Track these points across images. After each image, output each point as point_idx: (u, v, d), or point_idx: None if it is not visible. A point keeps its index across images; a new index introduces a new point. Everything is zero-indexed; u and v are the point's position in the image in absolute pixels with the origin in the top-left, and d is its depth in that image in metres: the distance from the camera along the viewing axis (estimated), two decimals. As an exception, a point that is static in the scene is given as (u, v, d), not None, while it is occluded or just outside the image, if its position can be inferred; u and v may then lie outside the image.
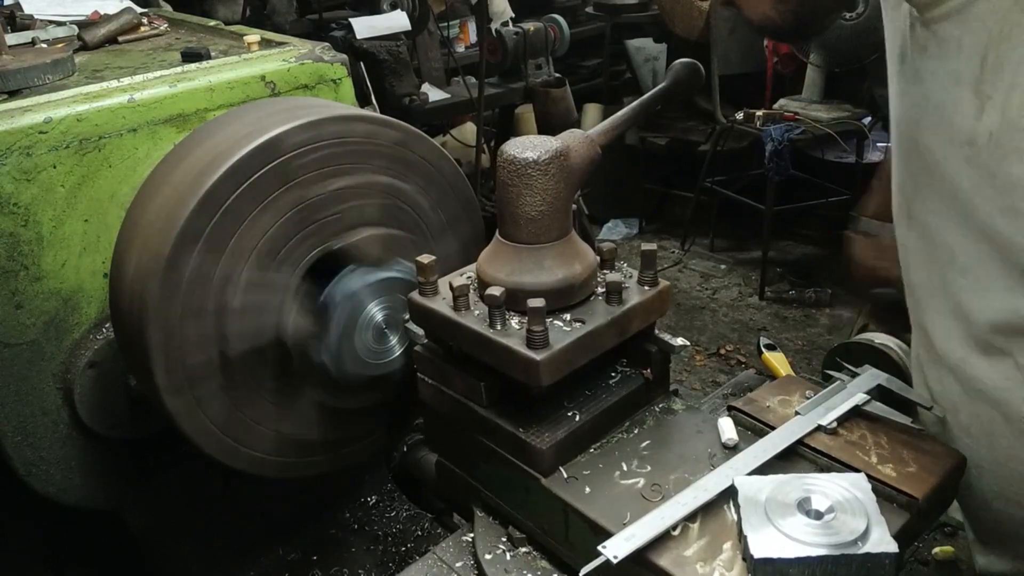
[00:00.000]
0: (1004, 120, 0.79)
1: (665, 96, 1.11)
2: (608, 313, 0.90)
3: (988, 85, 0.80)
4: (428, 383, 1.01)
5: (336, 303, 1.11)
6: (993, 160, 0.82)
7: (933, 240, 0.96)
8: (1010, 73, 0.77)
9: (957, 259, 0.93)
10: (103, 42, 1.61)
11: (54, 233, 1.22)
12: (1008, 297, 0.88)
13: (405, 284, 1.13)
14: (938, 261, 0.96)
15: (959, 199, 0.89)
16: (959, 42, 0.82)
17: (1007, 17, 0.76)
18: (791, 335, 3.73)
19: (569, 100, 3.97)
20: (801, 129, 3.63)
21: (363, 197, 1.18)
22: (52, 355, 1.27)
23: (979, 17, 0.79)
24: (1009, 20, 0.76)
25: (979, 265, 0.90)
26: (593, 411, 0.93)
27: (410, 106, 3.43)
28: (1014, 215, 0.82)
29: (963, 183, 0.87)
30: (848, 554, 0.71)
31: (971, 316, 0.93)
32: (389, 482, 1.61)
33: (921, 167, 0.95)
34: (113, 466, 1.40)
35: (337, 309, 1.11)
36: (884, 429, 0.91)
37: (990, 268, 0.88)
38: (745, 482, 0.81)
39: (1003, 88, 0.78)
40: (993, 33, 0.78)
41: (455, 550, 0.99)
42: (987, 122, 0.81)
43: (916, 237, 1.00)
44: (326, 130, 1.11)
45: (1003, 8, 0.77)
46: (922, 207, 0.97)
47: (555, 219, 0.90)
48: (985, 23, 0.78)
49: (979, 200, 0.86)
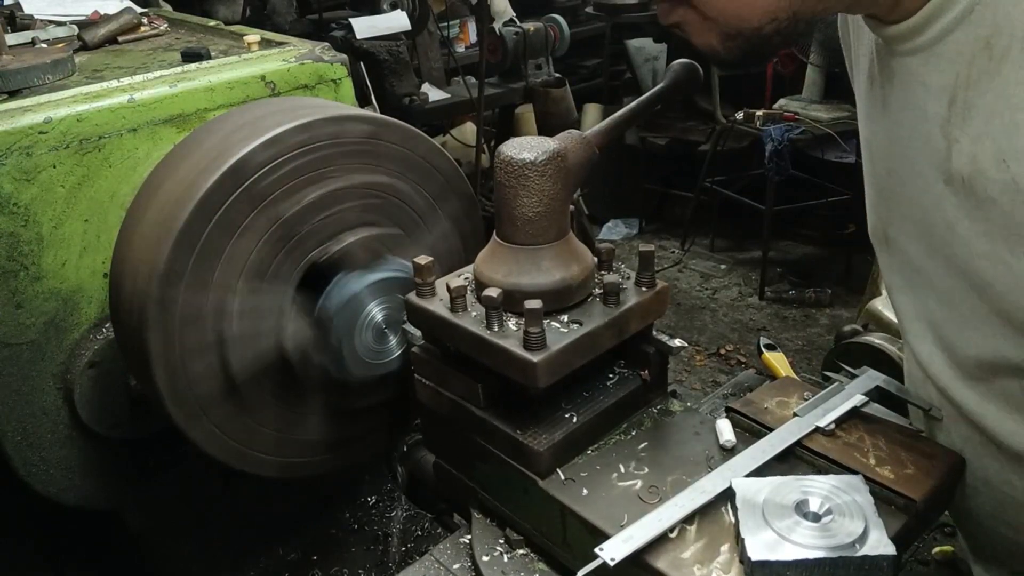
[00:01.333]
0: (975, 169, 0.75)
1: (664, 96, 1.11)
2: (606, 314, 0.90)
3: (956, 128, 0.76)
4: (425, 384, 1.01)
5: (331, 315, 1.11)
6: (969, 203, 0.78)
7: (912, 265, 0.92)
8: (979, 122, 0.73)
9: (936, 288, 0.89)
10: (103, 42, 1.61)
11: (54, 233, 1.22)
12: (991, 338, 0.84)
13: (398, 282, 1.13)
14: (919, 287, 0.92)
15: (935, 234, 0.84)
16: (926, 80, 0.78)
17: (974, 62, 0.72)
18: (791, 335, 3.73)
19: (569, 100, 3.98)
20: (801, 129, 3.63)
21: (340, 202, 1.15)
22: (52, 355, 1.27)
23: (946, 57, 0.75)
24: (976, 65, 0.72)
25: (959, 299, 0.85)
26: (591, 412, 0.93)
27: (410, 106, 3.44)
28: (994, 260, 0.78)
29: (939, 220, 0.83)
30: (845, 556, 0.71)
31: (953, 348, 0.90)
32: (389, 482, 1.61)
33: (894, 194, 0.90)
34: (113, 466, 1.40)
35: (334, 321, 1.11)
36: (882, 431, 0.91)
37: (971, 304, 0.84)
38: (743, 484, 0.81)
39: (971, 134, 0.75)
40: (960, 76, 0.74)
41: (453, 552, 0.99)
42: (958, 165, 0.77)
43: (895, 261, 0.96)
44: (289, 142, 1.08)
45: (970, 51, 0.72)
46: (898, 231, 0.93)
47: (552, 220, 0.90)
48: (953, 64, 0.74)
49: (956, 239, 0.81)
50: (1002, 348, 0.83)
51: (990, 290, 0.80)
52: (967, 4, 0.72)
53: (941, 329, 0.91)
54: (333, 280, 1.12)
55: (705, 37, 0.81)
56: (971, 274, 0.82)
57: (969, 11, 0.71)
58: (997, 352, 0.84)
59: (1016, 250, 0.75)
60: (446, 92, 3.86)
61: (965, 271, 0.83)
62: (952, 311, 0.88)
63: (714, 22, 0.79)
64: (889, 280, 1.00)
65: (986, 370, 0.87)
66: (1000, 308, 0.81)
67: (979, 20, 0.71)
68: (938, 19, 0.74)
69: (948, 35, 0.74)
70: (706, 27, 0.80)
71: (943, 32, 0.74)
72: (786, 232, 4.44)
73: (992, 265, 0.79)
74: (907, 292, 0.96)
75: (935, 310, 0.91)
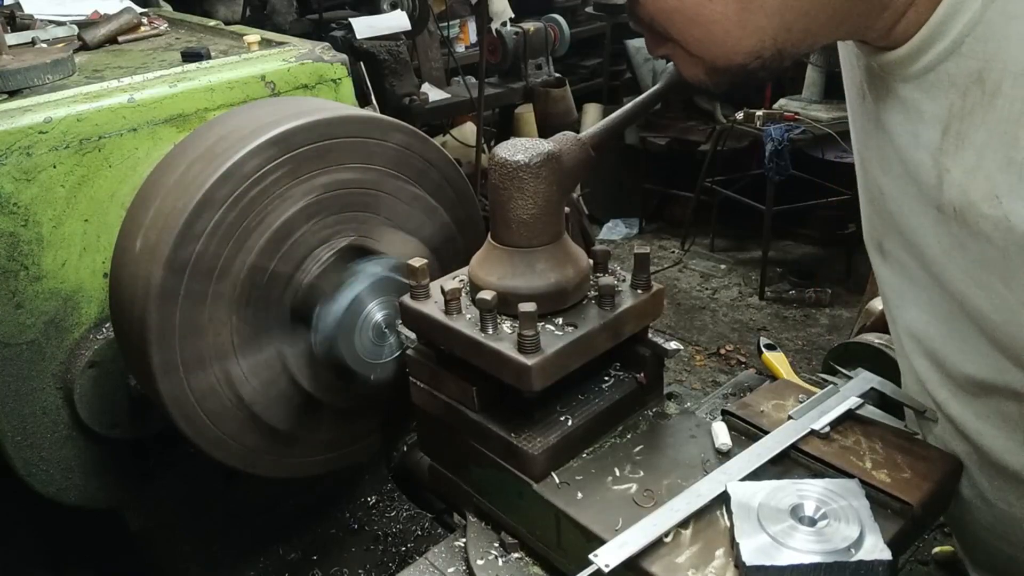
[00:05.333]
0: (967, 202, 0.73)
1: (661, 97, 1.11)
2: (601, 317, 0.90)
3: (948, 158, 0.74)
4: (420, 387, 1.01)
5: (329, 340, 1.12)
6: (962, 234, 0.76)
7: (908, 278, 0.90)
8: (972, 155, 0.72)
9: (932, 306, 0.87)
10: (103, 42, 1.61)
11: (54, 233, 1.23)
12: (987, 358, 0.82)
13: (386, 282, 1.13)
14: (914, 302, 0.91)
15: (928, 257, 0.83)
16: (919, 107, 0.76)
17: (968, 93, 0.71)
18: (791, 335, 3.72)
19: (569, 100, 3.98)
20: (801, 129, 3.63)
21: (301, 223, 1.12)
22: (52, 355, 1.27)
23: (940, 86, 0.73)
24: (970, 97, 0.71)
25: (954, 320, 0.84)
26: (586, 416, 0.93)
27: (410, 106, 3.43)
28: (989, 291, 0.77)
29: (931, 245, 0.82)
30: (841, 562, 0.71)
31: (946, 365, 0.89)
32: (389, 482, 1.61)
33: (887, 212, 0.89)
34: (113, 466, 1.40)
35: (336, 343, 1.12)
36: (879, 434, 0.91)
37: (965, 328, 0.83)
38: (738, 488, 0.81)
39: (963, 166, 0.73)
40: (955, 106, 0.72)
41: (447, 555, 0.99)
42: (949, 196, 0.75)
43: (890, 273, 0.95)
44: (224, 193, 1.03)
45: (963, 83, 0.71)
46: (893, 245, 0.91)
47: (547, 222, 0.90)
48: (946, 93, 0.73)
49: (949, 266, 0.80)
50: (997, 372, 0.82)
51: (985, 320, 0.79)
52: (957, 35, 0.70)
53: (935, 344, 0.90)
54: (315, 313, 1.12)
55: (693, 71, 0.82)
56: (965, 302, 0.81)
57: (960, 43, 0.70)
58: (993, 375, 0.83)
59: (1011, 284, 0.74)
60: (446, 92, 3.85)
61: (959, 298, 0.81)
62: (947, 329, 0.87)
63: (699, 59, 0.79)
64: (883, 291, 0.99)
65: (982, 389, 0.86)
66: (994, 337, 0.80)
67: (970, 52, 0.70)
68: (929, 49, 0.73)
69: (939, 65, 0.73)
70: (692, 62, 0.81)
71: (935, 61, 0.73)
72: (786, 232, 4.44)
73: (987, 296, 0.77)
74: (901, 306, 0.95)
75: (929, 325, 0.90)
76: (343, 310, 1.10)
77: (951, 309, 0.84)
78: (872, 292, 2.37)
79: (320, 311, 1.11)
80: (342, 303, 1.11)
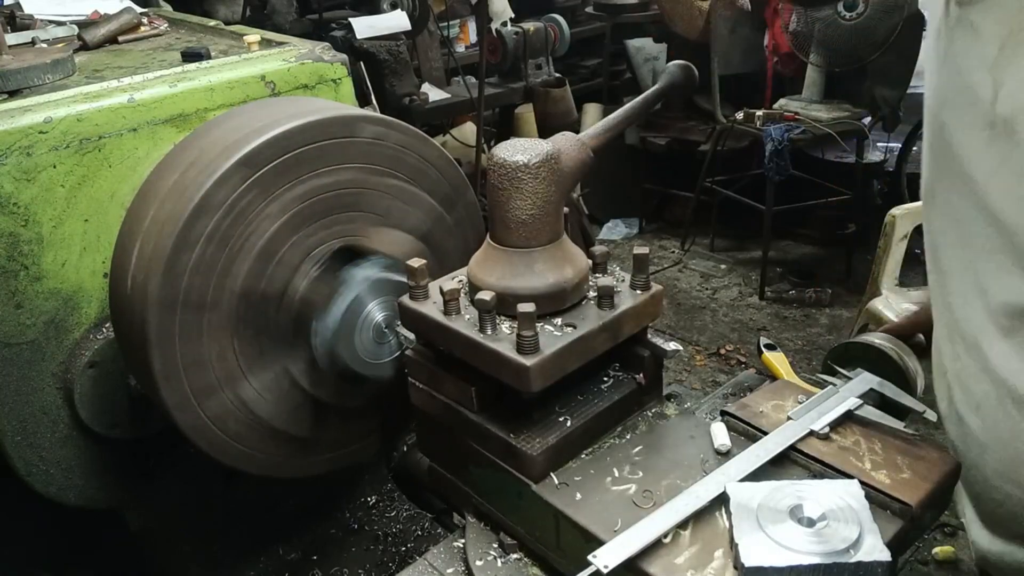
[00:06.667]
0: (1015, 107, 0.83)
1: (660, 98, 1.12)
2: (600, 318, 0.90)
3: (1002, 71, 0.84)
4: (419, 387, 1.01)
5: (330, 351, 1.13)
6: (1007, 146, 0.85)
7: (956, 218, 0.99)
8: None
9: (976, 239, 0.96)
10: (103, 42, 1.61)
11: (54, 233, 1.23)
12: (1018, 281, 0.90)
13: (377, 284, 1.14)
14: (961, 239, 0.99)
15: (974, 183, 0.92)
16: (981, 28, 0.86)
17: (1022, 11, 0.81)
18: (791, 335, 3.72)
19: (569, 100, 3.98)
20: (801, 129, 3.62)
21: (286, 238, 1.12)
22: (52, 355, 1.27)
23: (1002, 5, 0.83)
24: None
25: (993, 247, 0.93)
26: (585, 416, 0.93)
27: (410, 106, 3.43)
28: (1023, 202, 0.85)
29: (979, 169, 0.90)
30: (840, 562, 0.71)
31: (988, 294, 0.95)
32: (389, 482, 1.61)
33: (942, 149, 0.98)
34: (113, 466, 1.41)
35: (340, 356, 1.13)
36: (878, 434, 0.91)
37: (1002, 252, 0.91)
38: (737, 489, 0.81)
39: (1017, 77, 0.82)
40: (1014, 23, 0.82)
41: (446, 556, 0.99)
42: (1002, 109, 0.84)
43: (941, 215, 1.03)
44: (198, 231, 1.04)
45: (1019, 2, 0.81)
46: (944, 187, 1.00)
47: (546, 223, 0.90)
48: (1007, 12, 0.83)
49: (993, 186, 0.89)
50: None
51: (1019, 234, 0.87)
52: None
53: (979, 276, 0.96)
54: (311, 328, 1.13)
55: None
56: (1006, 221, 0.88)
57: None
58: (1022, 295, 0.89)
59: None
60: (446, 92, 3.85)
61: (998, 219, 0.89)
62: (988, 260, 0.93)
63: None
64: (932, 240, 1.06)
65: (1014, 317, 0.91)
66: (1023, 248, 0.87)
67: None
68: None
69: None
70: None
71: None
72: (786, 232, 4.43)
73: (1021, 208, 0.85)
74: (951, 246, 1.02)
75: (975, 258, 0.96)
76: (337, 321, 1.11)
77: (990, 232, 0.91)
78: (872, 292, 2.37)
79: (316, 326, 1.13)
80: (335, 314, 1.11)
